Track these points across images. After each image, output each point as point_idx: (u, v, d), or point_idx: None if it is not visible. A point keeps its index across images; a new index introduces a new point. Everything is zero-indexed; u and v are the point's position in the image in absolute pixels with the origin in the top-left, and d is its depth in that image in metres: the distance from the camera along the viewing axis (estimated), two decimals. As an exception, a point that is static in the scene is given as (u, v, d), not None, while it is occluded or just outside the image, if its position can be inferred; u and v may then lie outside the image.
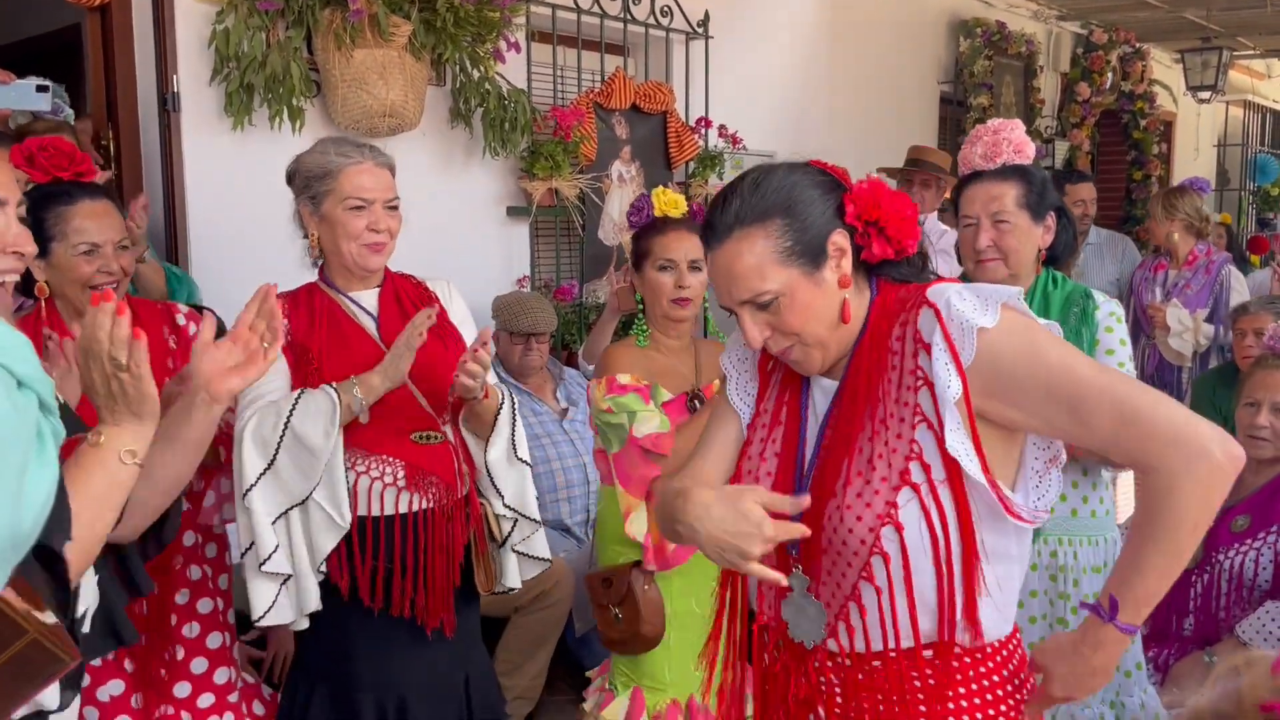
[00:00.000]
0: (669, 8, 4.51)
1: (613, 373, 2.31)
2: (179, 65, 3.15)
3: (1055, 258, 2.27)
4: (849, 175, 1.43)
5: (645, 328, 2.41)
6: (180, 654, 2.11)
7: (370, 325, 2.11)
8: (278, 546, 1.96)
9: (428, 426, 2.09)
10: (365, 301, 2.13)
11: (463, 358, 1.98)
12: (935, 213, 4.63)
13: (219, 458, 2.08)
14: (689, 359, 2.42)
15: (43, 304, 1.98)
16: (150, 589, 1.50)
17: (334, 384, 2.00)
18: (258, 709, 2.24)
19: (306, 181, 2.10)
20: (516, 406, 2.20)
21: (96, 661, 2.00)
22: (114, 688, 2.03)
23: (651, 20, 4.46)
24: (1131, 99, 7.77)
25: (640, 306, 2.43)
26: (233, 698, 2.17)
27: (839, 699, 1.36)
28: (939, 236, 4.43)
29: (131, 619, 2.01)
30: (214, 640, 2.15)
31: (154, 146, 3.23)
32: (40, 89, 2.71)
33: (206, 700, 2.13)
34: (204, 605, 2.15)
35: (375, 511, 2.02)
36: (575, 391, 3.75)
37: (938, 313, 1.29)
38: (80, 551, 1.08)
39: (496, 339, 3.47)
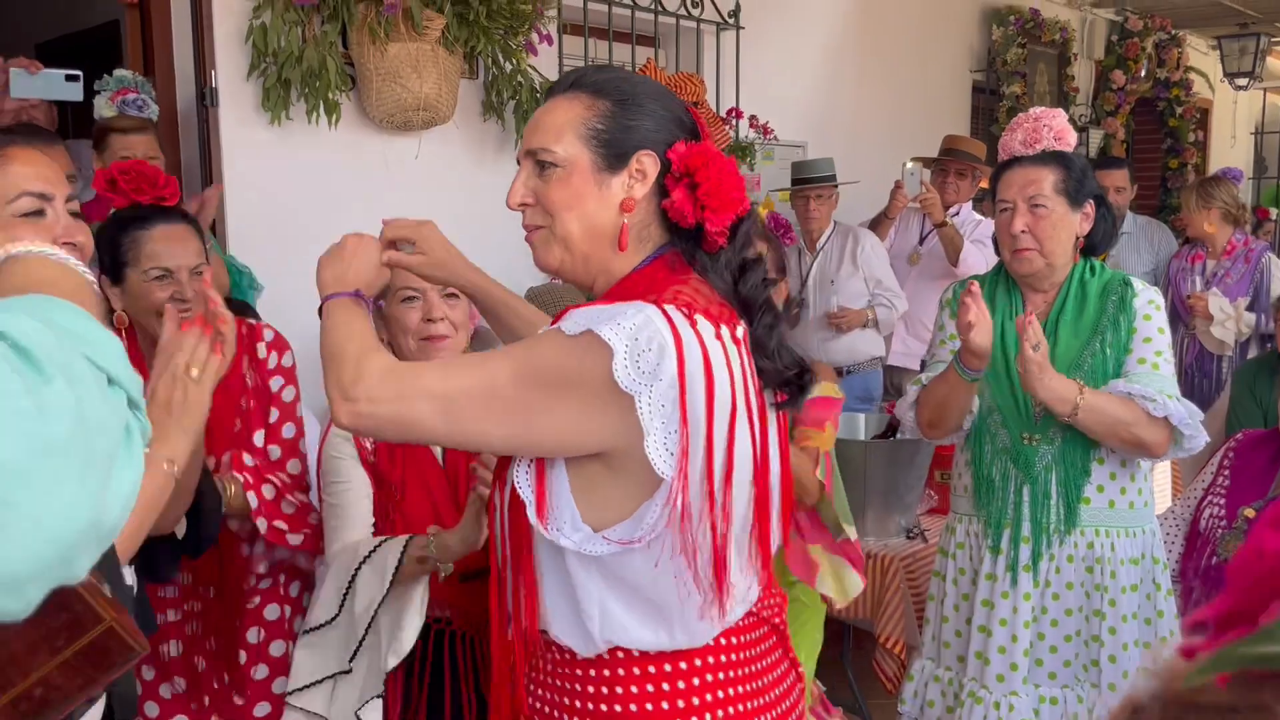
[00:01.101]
0: (700, -1, 4.51)
1: None
2: (217, 61, 3.18)
3: (1093, 246, 2.25)
4: (711, 138, 1.37)
5: None
6: (247, 694, 2.04)
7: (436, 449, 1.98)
8: (311, 685, 1.89)
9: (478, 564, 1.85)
10: None
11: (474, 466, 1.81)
12: (970, 202, 4.60)
13: None
14: None
15: (123, 334, 1.91)
16: (153, 629, 1.50)
17: (410, 536, 1.85)
18: None
19: None
20: None
21: (167, 695, 2.01)
22: None
23: (682, 11, 4.46)
24: (1167, 86, 7.68)
25: None
26: None
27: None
28: (974, 226, 4.41)
29: (203, 655, 2.02)
30: (279, 686, 2.05)
31: (193, 141, 3.28)
32: (70, 78, 2.76)
33: None
34: (276, 648, 2.07)
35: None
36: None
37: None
38: (121, 551, 1.11)
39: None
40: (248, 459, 1.97)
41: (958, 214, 4.47)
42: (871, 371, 4.32)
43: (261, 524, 1.92)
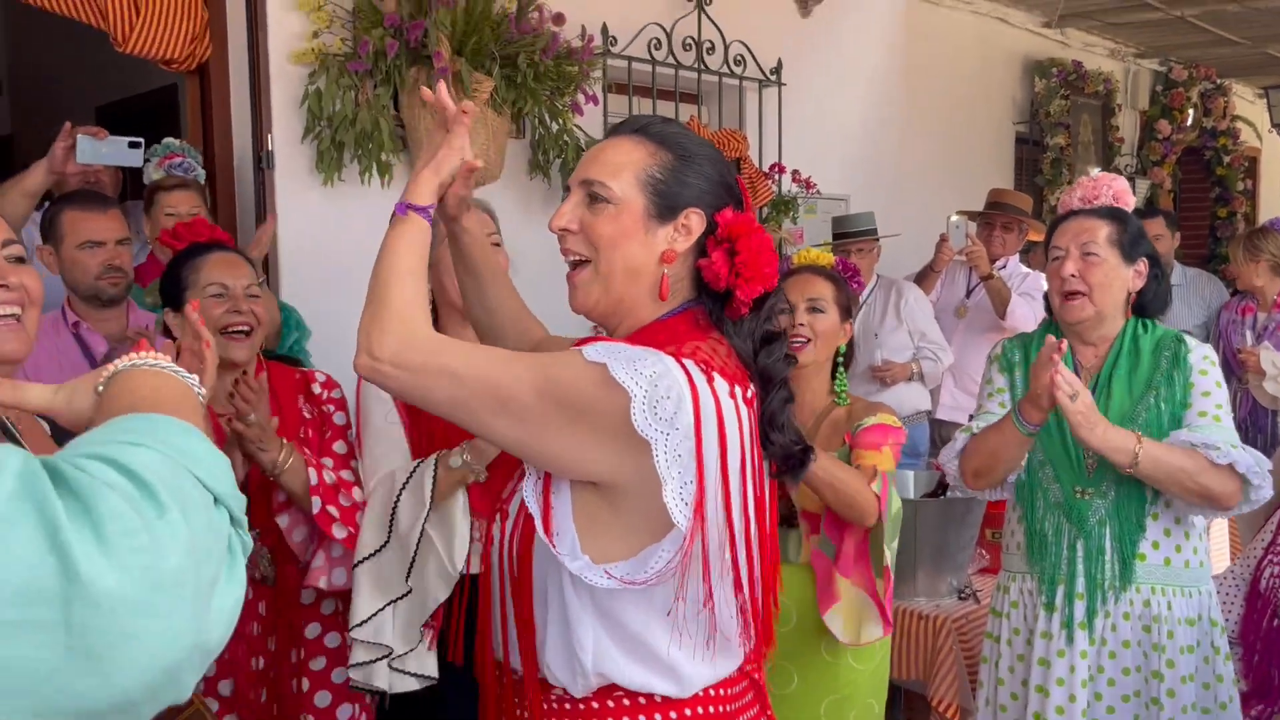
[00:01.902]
0: (742, 57, 4.56)
1: None
2: (273, 124, 3.27)
3: (1144, 306, 2.24)
4: (752, 208, 1.40)
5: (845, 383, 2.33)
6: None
7: None
8: (373, 616, 1.98)
9: None
10: None
11: None
12: (1017, 255, 4.59)
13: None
14: (811, 422, 2.30)
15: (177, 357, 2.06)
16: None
17: (441, 452, 2.00)
18: None
19: None
20: None
21: None
22: None
23: (725, 69, 4.52)
24: (1214, 135, 7.62)
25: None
26: None
27: None
28: (1021, 279, 4.39)
29: (263, 682, 2.09)
30: (344, 712, 2.16)
31: (249, 202, 3.36)
32: (133, 144, 2.86)
33: None
34: (338, 675, 2.16)
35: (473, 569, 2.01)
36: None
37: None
38: None
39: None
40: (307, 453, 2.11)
41: (1004, 267, 4.45)
42: (918, 425, 4.28)
43: (316, 503, 2.01)
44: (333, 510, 2.02)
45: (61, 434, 1.21)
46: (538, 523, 1.26)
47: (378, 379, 1.28)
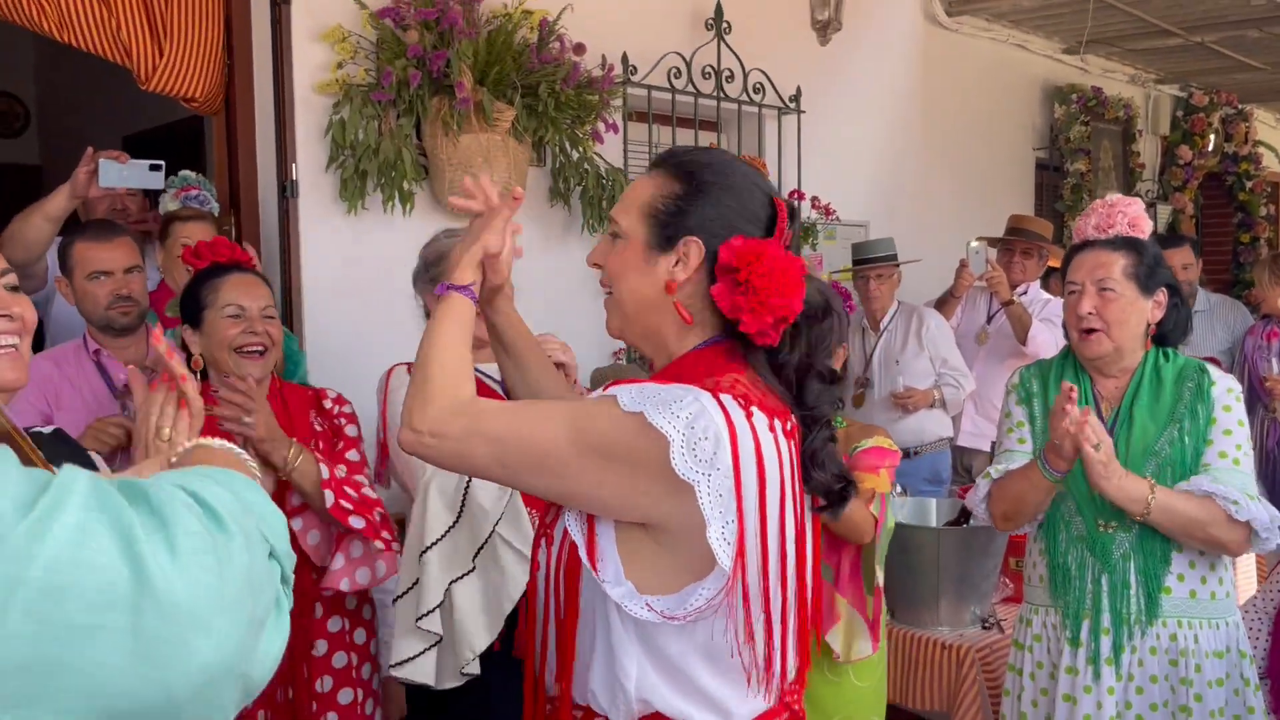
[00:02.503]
0: (761, 84, 4.59)
1: None
2: (298, 154, 3.31)
3: (1164, 336, 2.22)
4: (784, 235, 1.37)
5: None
6: (314, 707, 2.16)
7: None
8: (439, 606, 2.03)
9: None
10: (495, 373, 2.18)
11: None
12: (1037, 281, 4.57)
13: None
14: None
15: (198, 375, 2.11)
16: None
17: None
18: None
19: (425, 267, 2.22)
20: None
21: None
22: None
23: (744, 97, 4.54)
24: (1236, 161, 7.59)
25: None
26: None
27: None
28: (1042, 305, 4.37)
29: (272, 708, 2.10)
30: (345, 696, 2.20)
31: (273, 230, 3.39)
32: (154, 167, 2.90)
33: None
34: (345, 696, 2.19)
35: None
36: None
37: None
38: None
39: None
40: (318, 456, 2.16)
41: (1025, 293, 4.44)
42: (939, 452, 4.26)
43: (329, 496, 2.05)
44: (346, 503, 2.06)
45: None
46: (581, 551, 1.27)
47: (420, 451, 1.31)
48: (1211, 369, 2.20)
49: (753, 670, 1.29)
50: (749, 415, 1.24)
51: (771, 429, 1.27)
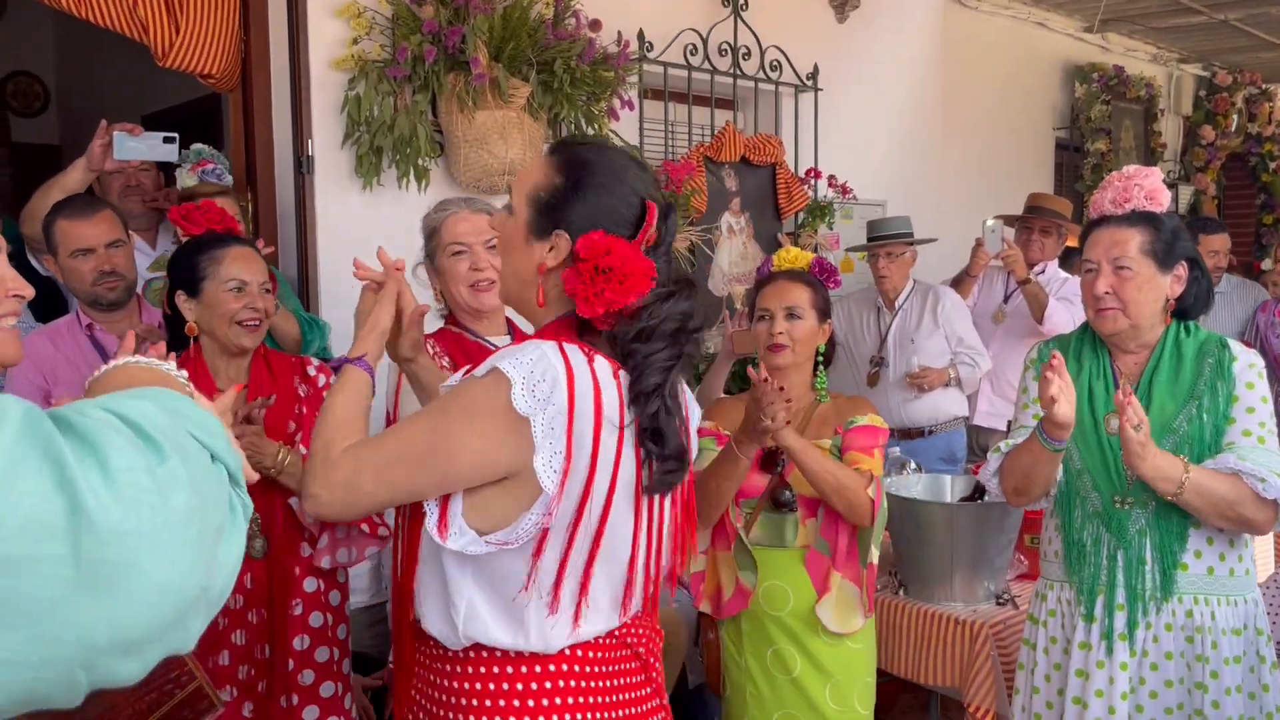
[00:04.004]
0: (778, 62, 4.56)
1: (709, 420, 2.41)
2: (314, 130, 3.32)
3: (1185, 310, 2.19)
4: (647, 233, 1.46)
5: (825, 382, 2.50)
6: (295, 700, 2.18)
7: None
8: None
9: None
10: (500, 344, 2.20)
11: None
12: (1055, 260, 4.54)
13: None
14: (797, 417, 2.41)
15: (192, 343, 2.17)
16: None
17: None
18: None
19: (424, 242, 2.23)
20: None
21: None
22: None
23: (761, 75, 4.52)
24: (1259, 141, 7.51)
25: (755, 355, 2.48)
26: None
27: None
28: (1060, 284, 4.34)
29: (251, 664, 2.14)
30: (327, 689, 2.22)
31: (289, 206, 3.40)
32: (167, 139, 2.92)
33: None
34: (321, 654, 2.23)
35: None
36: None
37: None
38: None
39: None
40: (304, 450, 2.17)
41: (1043, 272, 4.40)
42: (955, 431, 4.24)
43: None
44: None
45: None
46: (433, 522, 1.40)
47: (319, 511, 1.44)
48: (1233, 344, 2.17)
49: (534, 591, 1.40)
50: (590, 361, 1.39)
51: (616, 376, 1.42)
